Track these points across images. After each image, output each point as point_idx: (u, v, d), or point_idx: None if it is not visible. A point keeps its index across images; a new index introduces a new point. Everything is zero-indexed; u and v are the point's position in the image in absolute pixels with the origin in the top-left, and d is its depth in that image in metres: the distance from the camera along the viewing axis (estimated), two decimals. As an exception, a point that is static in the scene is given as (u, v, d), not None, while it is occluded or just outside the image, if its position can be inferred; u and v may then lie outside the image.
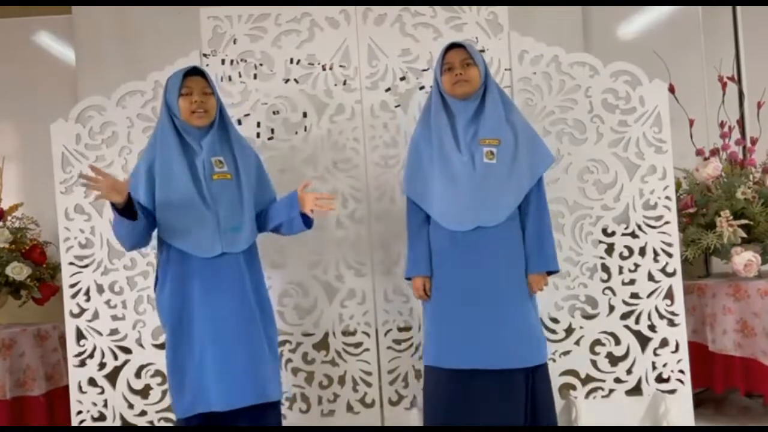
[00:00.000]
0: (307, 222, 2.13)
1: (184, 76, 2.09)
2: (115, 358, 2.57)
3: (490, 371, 2.08)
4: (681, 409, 2.51)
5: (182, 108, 2.08)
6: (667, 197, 2.56)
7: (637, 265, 2.57)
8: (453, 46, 2.20)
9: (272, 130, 2.63)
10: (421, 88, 2.62)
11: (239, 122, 2.57)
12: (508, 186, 2.13)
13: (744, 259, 2.67)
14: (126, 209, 1.97)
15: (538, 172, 2.19)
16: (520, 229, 2.19)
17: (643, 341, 2.56)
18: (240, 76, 2.63)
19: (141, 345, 2.57)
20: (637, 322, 2.56)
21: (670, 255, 2.55)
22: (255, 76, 2.64)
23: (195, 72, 2.11)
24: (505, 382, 2.09)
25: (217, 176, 2.09)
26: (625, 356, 2.56)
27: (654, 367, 2.55)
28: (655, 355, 2.55)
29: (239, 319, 2.05)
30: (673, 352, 2.54)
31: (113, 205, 1.95)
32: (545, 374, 2.18)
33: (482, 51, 2.62)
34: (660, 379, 2.55)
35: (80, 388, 2.56)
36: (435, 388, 2.16)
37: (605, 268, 2.59)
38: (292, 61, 2.64)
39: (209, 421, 2.05)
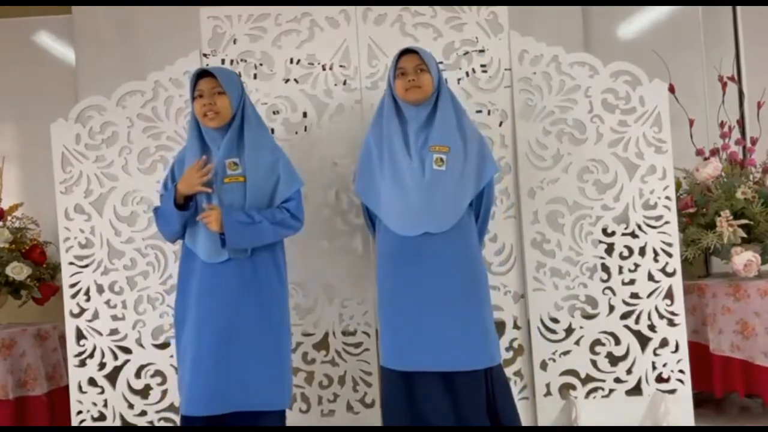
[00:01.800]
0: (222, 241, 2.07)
1: (196, 79, 2.11)
2: (115, 358, 2.57)
3: (438, 373, 2.09)
4: (681, 409, 2.51)
5: (196, 111, 2.11)
6: (667, 197, 2.56)
7: (637, 265, 2.57)
8: (406, 52, 2.20)
9: (272, 130, 2.63)
10: (421, 87, 2.62)
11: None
12: (455, 193, 2.15)
13: (744, 259, 2.67)
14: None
15: (481, 182, 2.21)
16: (474, 230, 2.22)
17: (643, 341, 2.56)
18: (240, 76, 2.62)
19: (141, 345, 2.57)
20: (637, 322, 2.56)
21: (670, 255, 2.55)
22: (255, 76, 2.64)
23: (205, 73, 2.11)
24: (451, 384, 2.10)
25: (229, 179, 2.09)
26: (625, 356, 2.56)
27: (654, 367, 2.55)
28: (655, 355, 2.55)
29: (226, 324, 2.04)
30: (673, 352, 2.54)
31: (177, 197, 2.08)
32: (500, 375, 2.18)
33: (482, 51, 2.62)
34: (660, 379, 2.55)
35: (80, 388, 2.56)
36: (388, 388, 2.18)
37: (605, 268, 2.59)
38: (292, 61, 2.64)
39: (209, 423, 2.04)
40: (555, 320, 2.58)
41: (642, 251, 2.57)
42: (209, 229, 2.04)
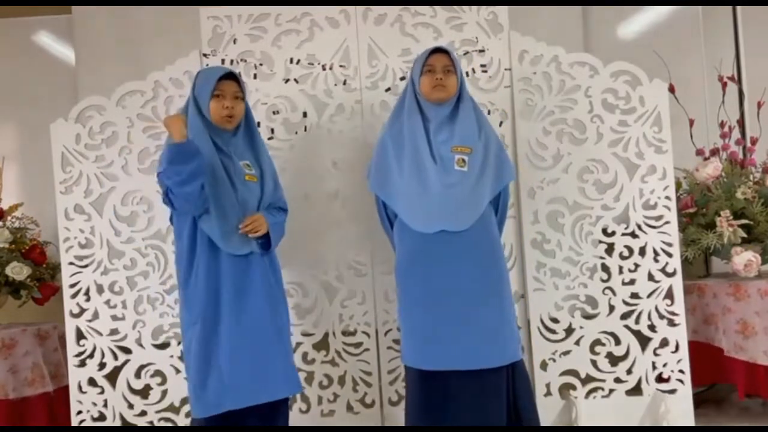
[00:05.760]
0: (264, 245, 2.17)
1: (218, 79, 2.10)
2: (115, 358, 2.57)
3: (462, 371, 2.08)
4: (681, 409, 2.51)
5: (213, 110, 2.10)
6: (667, 197, 2.56)
7: (637, 265, 2.57)
8: (437, 51, 2.21)
9: (272, 130, 2.63)
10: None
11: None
12: (475, 194, 2.15)
13: (744, 259, 2.67)
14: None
15: (498, 186, 2.22)
16: (495, 225, 2.22)
17: (643, 341, 2.56)
18: (240, 76, 2.62)
19: (141, 345, 2.57)
20: (637, 322, 2.56)
21: (670, 255, 2.55)
22: (255, 76, 2.64)
23: (229, 76, 2.12)
24: (479, 382, 2.08)
25: (248, 178, 2.15)
26: (625, 356, 2.56)
27: (654, 367, 2.55)
28: (655, 355, 2.55)
29: (270, 317, 2.11)
30: (673, 352, 2.54)
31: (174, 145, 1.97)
32: (522, 371, 2.18)
33: (482, 51, 2.62)
34: (660, 379, 2.55)
35: (80, 388, 2.56)
36: (411, 387, 2.17)
37: (605, 268, 2.59)
38: (292, 61, 2.64)
39: (224, 421, 2.04)
40: (555, 320, 2.58)
41: (642, 251, 2.57)
42: (244, 235, 2.09)
